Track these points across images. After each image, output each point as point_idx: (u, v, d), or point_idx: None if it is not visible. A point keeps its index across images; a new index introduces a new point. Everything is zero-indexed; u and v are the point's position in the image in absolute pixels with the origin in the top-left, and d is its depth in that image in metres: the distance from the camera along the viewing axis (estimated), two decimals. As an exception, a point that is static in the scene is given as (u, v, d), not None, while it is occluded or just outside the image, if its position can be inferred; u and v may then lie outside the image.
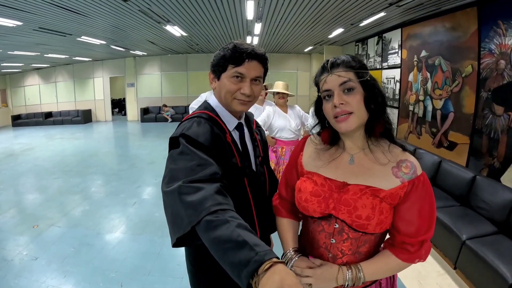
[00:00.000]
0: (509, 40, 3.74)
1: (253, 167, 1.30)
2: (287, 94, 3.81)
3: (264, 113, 3.83)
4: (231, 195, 0.95)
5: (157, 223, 4.01)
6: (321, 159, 1.15)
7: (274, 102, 3.92)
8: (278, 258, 0.70)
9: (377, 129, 1.06)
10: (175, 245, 0.90)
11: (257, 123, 1.48)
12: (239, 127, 1.28)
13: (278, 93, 3.78)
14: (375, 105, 1.02)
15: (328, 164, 1.12)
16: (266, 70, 1.24)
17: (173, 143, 1.08)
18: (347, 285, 1.03)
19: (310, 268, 1.07)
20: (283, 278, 0.64)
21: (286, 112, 3.85)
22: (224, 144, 1.15)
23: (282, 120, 3.79)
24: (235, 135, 1.26)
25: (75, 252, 3.34)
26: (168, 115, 13.87)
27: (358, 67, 1.01)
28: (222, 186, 0.95)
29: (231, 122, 1.24)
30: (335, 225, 1.07)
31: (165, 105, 13.99)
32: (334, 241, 1.09)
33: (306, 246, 1.20)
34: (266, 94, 4.30)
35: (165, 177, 0.99)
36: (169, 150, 1.08)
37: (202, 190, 0.88)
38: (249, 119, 1.39)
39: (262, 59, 1.19)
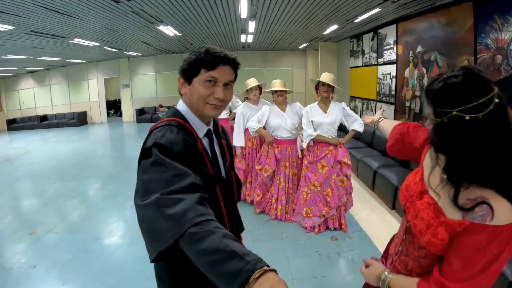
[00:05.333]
0: (506, 34, 3.74)
1: (223, 173, 1.29)
2: (285, 91, 3.81)
3: (260, 112, 3.85)
4: None
5: (156, 226, 3.96)
6: (430, 161, 1.06)
7: (273, 101, 3.93)
8: (268, 266, 0.71)
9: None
10: (155, 260, 0.88)
11: (222, 127, 1.45)
12: (208, 134, 1.25)
13: (276, 91, 3.77)
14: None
15: (431, 168, 1.03)
16: (236, 76, 1.23)
17: (145, 153, 1.03)
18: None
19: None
20: (273, 286, 0.64)
21: (284, 110, 3.84)
22: (197, 152, 1.13)
23: (277, 119, 3.79)
24: (205, 142, 1.23)
25: (74, 258, 3.30)
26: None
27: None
28: (202, 196, 0.93)
29: (201, 129, 1.22)
30: (407, 223, 1.09)
31: (161, 105, 13.91)
32: (405, 238, 1.12)
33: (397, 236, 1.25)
34: (260, 93, 4.28)
35: (138, 190, 0.96)
36: (140, 161, 1.04)
37: (183, 202, 0.86)
38: (216, 124, 1.37)
39: (234, 64, 1.18)
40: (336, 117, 3.53)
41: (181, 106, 1.23)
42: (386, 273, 1.10)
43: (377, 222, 3.85)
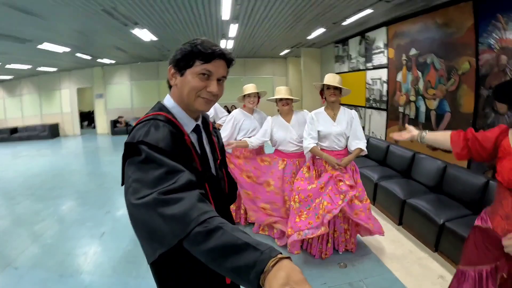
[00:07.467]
0: (510, 34, 3.51)
1: (213, 170, 1.25)
2: (291, 99, 3.38)
3: (263, 128, 3.45)
4: None
5: (130, 259, 3.40)
6: None
7: (278, 110, 3.50)
8: (281, 253, 0.69)
9: None
10: (154, 262, 0.86)
11: (213, 125, 1.40)
12: (196, 130, 1.21)
13: (280, 99, 3.34)
14: None
15: None
16: (227, 73, 1.21)
17: (132, 150, 0.97)
18: None
19: None
20: (289, 274, 0.63)
21: (289, 120, 3.41)
22: (185, 147, 1.09)
23: (281, 132, 3.36)
24: (193, 137, 1.19)
25: (32, 302, 2.74)
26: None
27: None
28: (200, 193, 0.89)
29: (188, 124, 1.17)
30: None
31: (120, 117, 13.45)
32: None
33: (500, 215, 1.56)
34: (258, 101, 3.82)
35: (129, 187, 0.91)
36: (126, 157, 0.98)
37: (183, 200, 0.83)
38: (206, 121, 1.32)
39: (229, 60, 1.17)
40: (347, 126, 3.04)
41: (168, 101, 1.18)
42: None
43: (385, 242, 3.45)
